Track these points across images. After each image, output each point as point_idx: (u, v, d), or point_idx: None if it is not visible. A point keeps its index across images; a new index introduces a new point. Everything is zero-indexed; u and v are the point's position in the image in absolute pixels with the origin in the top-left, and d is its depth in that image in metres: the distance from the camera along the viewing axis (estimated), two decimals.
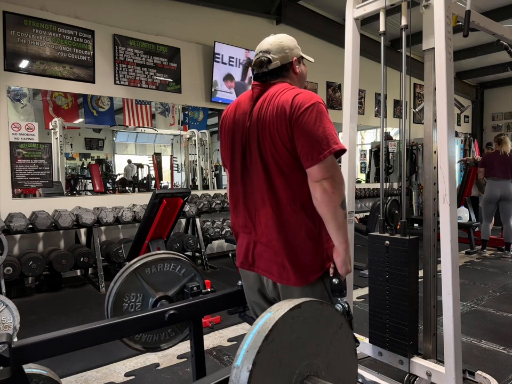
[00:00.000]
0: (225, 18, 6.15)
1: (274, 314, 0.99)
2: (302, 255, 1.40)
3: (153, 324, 1.62)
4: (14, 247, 4.38)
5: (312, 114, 1.32)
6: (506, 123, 11.13)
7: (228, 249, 6.16)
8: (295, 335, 1.01)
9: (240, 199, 1.51)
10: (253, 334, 0.98)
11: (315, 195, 1.33)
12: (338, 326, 1.11)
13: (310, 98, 1.34)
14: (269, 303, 1.55)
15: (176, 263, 1.90)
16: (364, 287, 4.18)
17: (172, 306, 1.65)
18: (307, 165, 1.33)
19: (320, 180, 1.31)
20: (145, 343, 1.80)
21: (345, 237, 1.36)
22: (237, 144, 1.49)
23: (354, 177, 2.49)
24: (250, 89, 1.52)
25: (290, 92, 1.38)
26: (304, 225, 1.39)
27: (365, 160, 9.21)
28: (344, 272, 1.39)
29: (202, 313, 1.78)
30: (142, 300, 1.81)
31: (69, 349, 1.45)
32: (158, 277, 1.85)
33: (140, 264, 1.81)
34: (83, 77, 4.88)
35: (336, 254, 1.39)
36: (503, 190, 5.65)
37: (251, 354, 0.93)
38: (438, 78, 1.89)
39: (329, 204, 1.31)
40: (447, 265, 1.86)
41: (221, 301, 1.80)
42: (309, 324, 1.04)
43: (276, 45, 1.48)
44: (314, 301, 1.07)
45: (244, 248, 1.53)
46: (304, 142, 1.32)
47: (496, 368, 2.58)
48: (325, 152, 1.30)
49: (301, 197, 1.39)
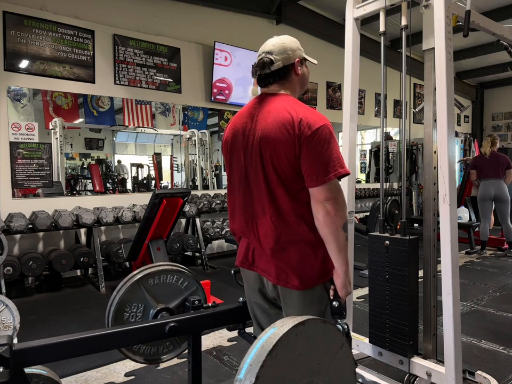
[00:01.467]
0: (225, 18, 6.14)
1: (279, 330, 1.00)
2: (302, 262, 1.40)
3: (153, 335, 1.62)
4: (14, 247, 4.38)
5: (321, 136, 1.33)
6: (506, 123, 11.13)
7: (228, 249, 6.16)
8: (298, 351, 1.02)
9: (237, 207, 1.52)
10: (256, 348, 0.98)
11: (317, 216, 1.34)
12: (340, 345, 1.12)
13: (319, 119, 1.36)
14: (269, 303, 1.56)
15: (179, 275, 1.90)
16: (364, 287, 4.18)
17: (173, 319, 1.65)
18: (311, 185, 1.34)
19: (323, 201, 1.32)
20: (143, 354, 1.80)
21: (345, 260, 1.37)
22: (238, 154, 1.49)
23: (354, 177, 2.49)
24: (254, 99, 1.53)
25: (297, 108, 1.39)
26: (304, 235, 1.40)
27: (365, 160, 9.21)
28: (344, 294, 1.40)
29: (202, 328, 1.78)
30: (143, 310, 1.81)
31: (69, 355, 1.47)
32: (160, 289, 1.85)
33: (144, 274, 1.81)
34: (83, 77, 4.88)
35: (336, 276, 1.39)
36: (497, 190, 5.69)
37: (254, 368, 0.94)
38: (438, 78, 1.89)
39: (332, 226, 1.32)
40: (447, 265, 1.86)
41: (221, 317, 1.80)
42: (312, 341, 1.05)
43: (278, 46, 1.49)
44: (317, 319, 1.09)
45: (245, 247, 1.54)
46: (311, 162, 1.33)
47: (496, 368, 2.58)
48: (330, 175, 1.32)
49: (300, 208, 1.39)
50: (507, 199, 5.70)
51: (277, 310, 1.54)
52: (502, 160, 5.68)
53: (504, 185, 5.69)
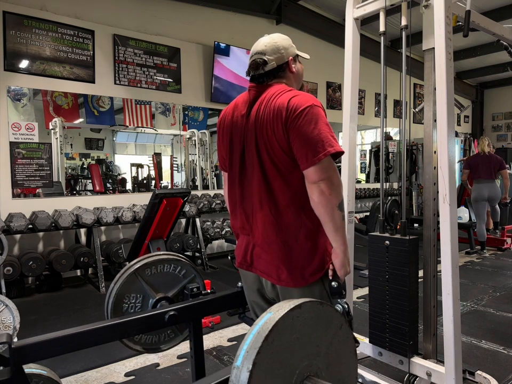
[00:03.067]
0: (225, 18, 6.14)
1: (275, 315, 0.99)
2: (301, 256, 1.40)
3: (153, 324, 1.62)
4: (14, 247, 4.38)
5: (307, 117, 1.32)
6: (506, 123, 11.13)
7: (228, 249, 6.16)
8: (295, 335, 1.01)
9: (238, 202, 1.51)
10: (253, 334, 0.98)
11: (312, 197, 1.33)
12: (338, 326, 1.11)
13: (306, 101, 1.34)
14: (268, 303, 1.55)
15: (176, 264, 1.90)
16: (364, 287, 4.18)
17: (172, 307, 1.65)
18: (303, 166, 1.33)
19: (317, 181, 1.31)
20: (145, 344, 1.80)
21: (343, 239, 1.36)
22: (235, 146, 1.49)
23: (354, 177, 2.49)
24: (247, 91, 1.52)
25: (286, 94, 1.38)
26: (304, 226, 1.39)
27: (365, 160, 9.21)
28: (343, 274, 1.39)
29: (202, 314, 1.78)
30: (142, 300, 1.81)
31: (69, 350, 1.45)
32: (158, 278, 1.85)
33: (140, 265, 1.80)
34: (83, 77, 4.88)
35: (334, 256, 1.38)
36: (490, 192, 5.78)
37: (251, 354, 0.93)
38: (438, 78, 1.89)
39: (327, 205, 1.31)
40: (447, 265, 1.86)
41: (220, 302, 1.80)
42: (309, 324, 1.04)
43: (270, 46, 1.47)
44: (314, 301, 1.07)
45: (243, 248, 1.53)
46: (299, 144, 1.32)
47: (496, 368, 2.58)
48: (319, 155, 1.30)
49: (299, 198, 1.39)
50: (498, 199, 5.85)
51: None
52: (495, 160, 5.72)
53: (497, 187, 5.78)
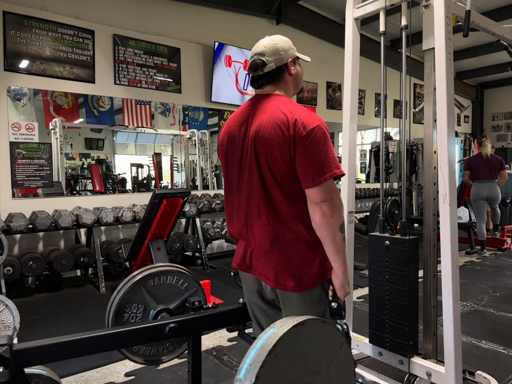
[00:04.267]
0: (225, 18, 6.14)
1: (279, 330, 1.00)
2: (299, 264, 1.40)
3: (153, 336, 1.62)
4: (14, 247, 4.38)
5: (316, 136, 1.32)
6: (506, 123, 11.12)
7: (228, 249, 6.16)
8: (298, 351, 1.02)
9: (235, 210, 1.52)
10: (256, 348, 0.98)
11: (314, 218, 1.34)
12: (339, 345, 1.12)
13: (314, 120, 1.35)
14: (268, 304, 1.56)
15: (179, 276, 1.90)
16: (364, 287, 4.18)
17: (173, 320, 1.64)
18: (306, 185, 1.33)
19: (319, 202, 1.32)
20: (143, 355, 1.80)
21: (343, 260, 1.36)
22: (234, 156, 1.49)
23: (354, 177, 2.49)
24: (248, 101, 1.53)
25: (291, 108, 1.38)
26: (301, 235, 1.39)
27: (365, 160, 9.21)
28: (343, 295, 1.39)
29: (202, 329, 1.78)
30: (143, 311, 1.81)
31: (69, 356, 1.47)
32: (161, 289, 1.85)
33: (144, 275, 1.81)
34: (83, 77, 4.88)
35: (334, 277, 1.39)
36: (489, 192, 5.79)
37: (254, 368, 0.94)
38: (438, 78, 1.89)
39: (328, 227, 1.32)
40: (447, 265, 1.86)
41: (221, 318, 1.79)
42: (312, 341, 1.05)
43: (270, 47, 1.47)
44: (317, 319, 1.08)
45: (242, 250, 1.54)
46: (306, 163, 1.32)
47: (496, 368, 2.58)
48: (326, 176, 1.31)
49: (297, 208, 1.39)
50: (498, 201, 5.88)
51: (276, 311, 1.54)
52: (495, 161, 5.73)
53: (496, 187, 5.79)
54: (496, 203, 5.93)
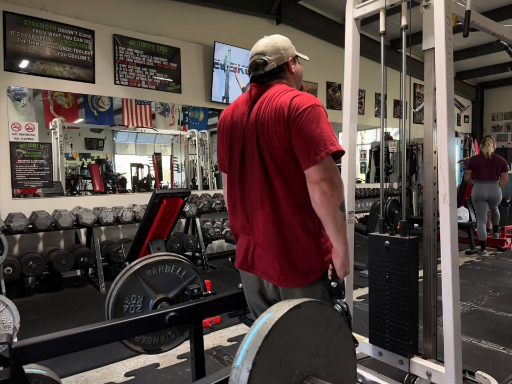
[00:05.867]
0: (225, 18, 6.14)
1: (274, 315, 1.00)
2: (302, 254, 1.40)
3: (154, 325, 1.62)
4: (14, 247, 4.38)
5: (309, 116, 1.32)
6: (506, 123, 11.12)
7: (228, 249, 6.16)
8: (295, 335, 1.01)
9: (238, 201, 1.51)
10: (252, 334, 0.98)
11: (313, 197, 1.33)
12: (338, 326, 1.11)
13: (308, 101, 1.35)
14: (269, 305, 1.55)
15: (177, 265, 1.89)
16: (364, 287, 4.18)
17: (173, 309, 1.64)
18: (304, 166, 1.33)
19: (318, 181, 1.31)
20: (145, 345, 1.80)
21: (344, 239, 1.36)
22: (235, 146, 1.49)
23: (354, 177, 2.49)
24: (248, 91, 1.53)
25: (288, 93, 1.39)
26: (304, 225, 1.39)
27: (365, 160, 9.21)
28: (343, 274, 1.39)
29: (202, 316, 1.78)
30: (142, 301, 1.81)
31: (69, 350, 1.46)
32: (159, 279, 1.85)
33: (141, 265, 1.80)
34: (83, 77, 4.88)
35: (335, 256, 1.38)
36: (490, 192, 5.77)
37: (251, 354, 0.94)
38: (438, 78, 1.89)
39: (328, 206, 1.31)
40: (447, 265, 1.86)
41: (221, 304, 1.80)
42: (309, 324, 1.05)
43: (270, 46, 1.48)
44: (313, 301, 1.07)
45: (244, 249, 1.53)
46: (301, 143, 1.32)
47: (496, 368, 2.58)
48: (321, 153, 1.30)
49: (300, 196, 1.39)
50: (499, 202, 5.87)
51: None
52: (498, 162, 5.71)
53: (498, 188, 5.76)
54: (497, 204, 5.92)
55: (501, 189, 5.82)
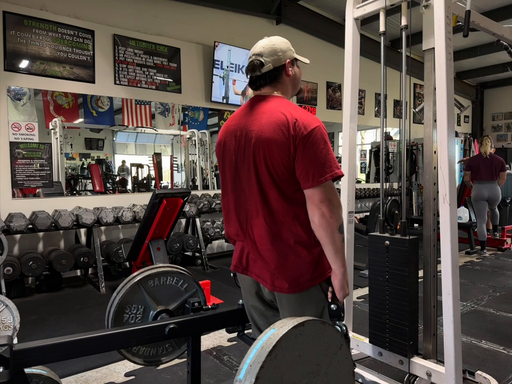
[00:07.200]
0: (225, 18, 6.14)
1: (278, 331, 1.00)
2: (296, 264, 1.40)
3: (153, 337, 1.62)
4: (14, 247, 4.38)
5: (317, 137, 1.34)
6: (506, 123, 11.12)
7: (228, 249, 6.16)
8: (297, 352, 1.02)
9: (232, 209, 1.52)
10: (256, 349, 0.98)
11: (313, 219, 1.34)
12: (338, 347, 1.12)
13: (314, 120, 1.37)
14: (266, 305, 1.56)
15: (179, 277, 1.90)
16: (364, 287, 4.19)
17: (173, 321, 1.65)
18: (306, 186, 1.34)
19: (318, 203, 1.32)
20: (142, 356, 1.80)
21: (342, 261, 1.37)
22: (231, 156, 1.50)
23: (354, 177, 2.48)
24: (247, 102, 1.54)
25: (289, 109, 1.39)
26: (298, 236, 1.39)
27: (365, 160, 9.21)
28: (342, 296, 1.39)
29: (202, 330, 1.78)
30: (143, 312, 1.81)
31: (69, 356, 1.47)
32: (160, 290, 1.85)
33: (144, 276, 1.81)
34: (83, 77, 4.88)
35: (334, 278, 1.39)
36: (490, 192, 5.80)
37: (254, 368, 0.94)
38: (438, 78, 1.89)
39: (327, 228, 1.32)
40: (447, 265, 1.86)
41: (221, 319, 1.79)
42: (311, 342, 1.05)
43: (268, 48, 1.48)
44: (317, 321, 1.08)
45: (239, 252, 1.54)
46: (307, 163, 1.33)
47: (496, 368, 2.58)
48: (326, 175, 1.32)
49: (294, 208, 1.39)
50: (498, 201, 5.90)
51: (274, 312, 1.54)
52: (496, 162, 5.73)
53: (497, 188, 5.79)
54: (496, 204, 5.94)
55: (500, 188, 5.84)
